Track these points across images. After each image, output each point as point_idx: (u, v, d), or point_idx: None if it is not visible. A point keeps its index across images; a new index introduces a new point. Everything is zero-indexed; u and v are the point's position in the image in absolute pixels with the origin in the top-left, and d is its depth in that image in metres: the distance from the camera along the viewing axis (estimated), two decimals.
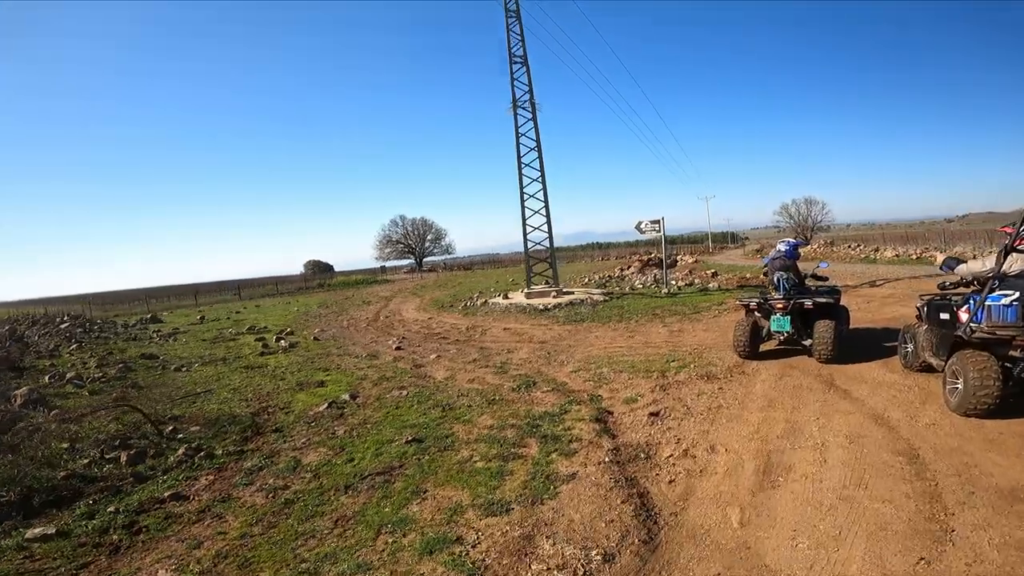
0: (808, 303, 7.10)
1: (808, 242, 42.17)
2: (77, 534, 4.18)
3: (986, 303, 4.68)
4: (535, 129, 18.80)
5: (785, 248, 7.83)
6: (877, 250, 29.96)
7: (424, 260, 73.37)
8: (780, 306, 7.23)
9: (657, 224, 17.50)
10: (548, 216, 19.18)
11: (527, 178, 18.98)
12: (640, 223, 17.86)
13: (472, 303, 18.58)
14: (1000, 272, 4.75)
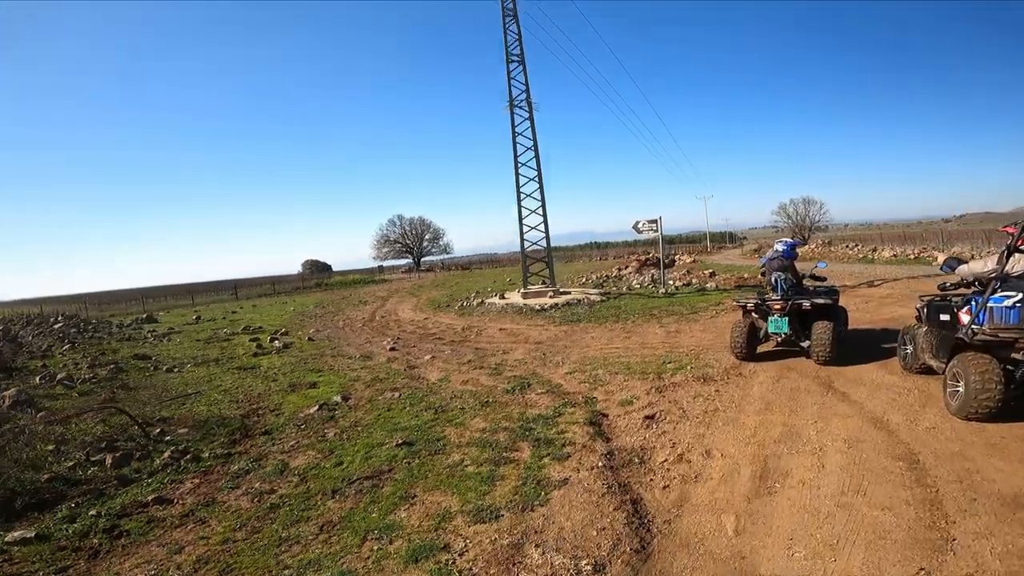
0: (806, 304, 7.00)
1: (806, 242, 42.10)
2: (57, 537, 4.14)
3: (988, 304, 4.59)
4: (532, 128, 18.70)
5: (783, 248, 7.71)
6: (875, 250, 29.91)
7: (422, 260, 73.22)
8: (778, 307, 7.13)
9: (655, 224, 17.41)
10: (545, 216, 19.09)
11: (524, 177, 18.87)
12: (637, 223, 17.77)
13: (468, 303, 18.48)
14: (1003, 273, 4.66)
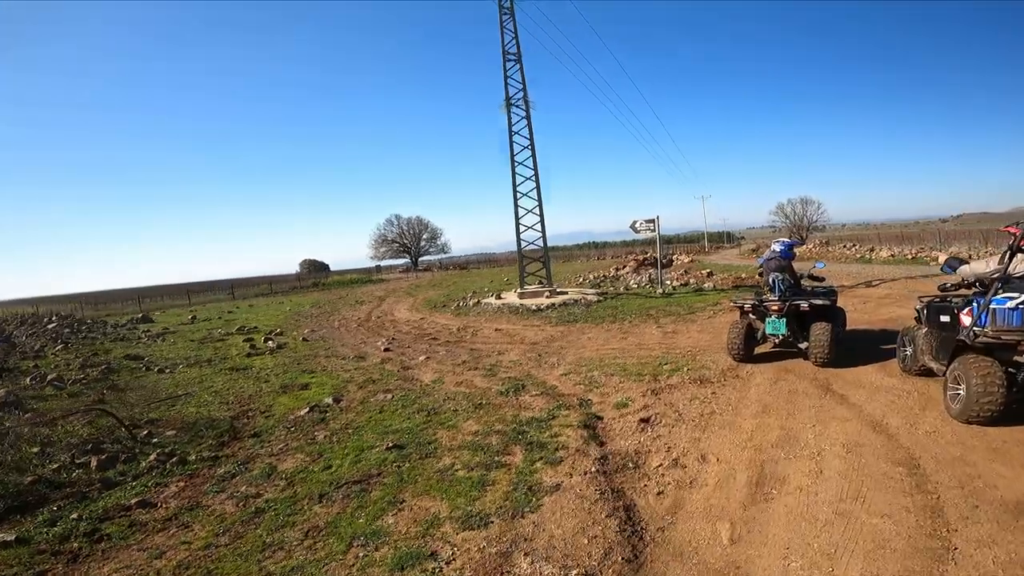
0: (804, 305, 6.91)
1: (803, 242, 42.00)
2: (37, 541, 4.06)
3: (991, 306, 4.48)
4: (529, 127, 18.59)
5: (780, 248, 7.59)
6: (872, 250, 29.83)
7: (420, 259, 73.02)
8: (775, 308, 7.03)
9: (652, 223, 17.32)
10: (542, 215, 18.98)
11: (521, 177, 18.75)
12: (635, 222, 17.68)
13: (465, 303, 18.36)
14: (1005, 274, 4.56)
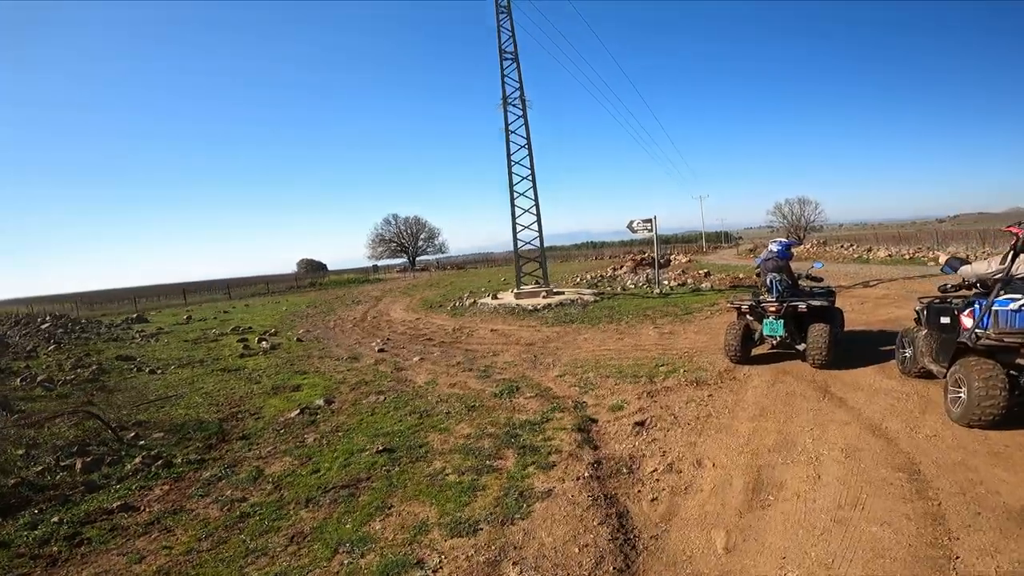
0: (802, 306, 6.82)
1: (801, 242, 41.94)
2: (17, 544, 3.99)
3: (993, 308, 4.39)
4: (526, 126, 18.48)
5: (777, 248, 7.49)
6: (870, 250, 29.81)
7: (417, 259, 72.84)
8: (773, 309, 6.93)
9: (649, 223, 17.25)
10: (538, 215, 18.88)
11: (517, 176, 18.65)
12: (632, 222, 17.60)
13: (461, 303, 18.24)
14: (1008, 275, 4.47)
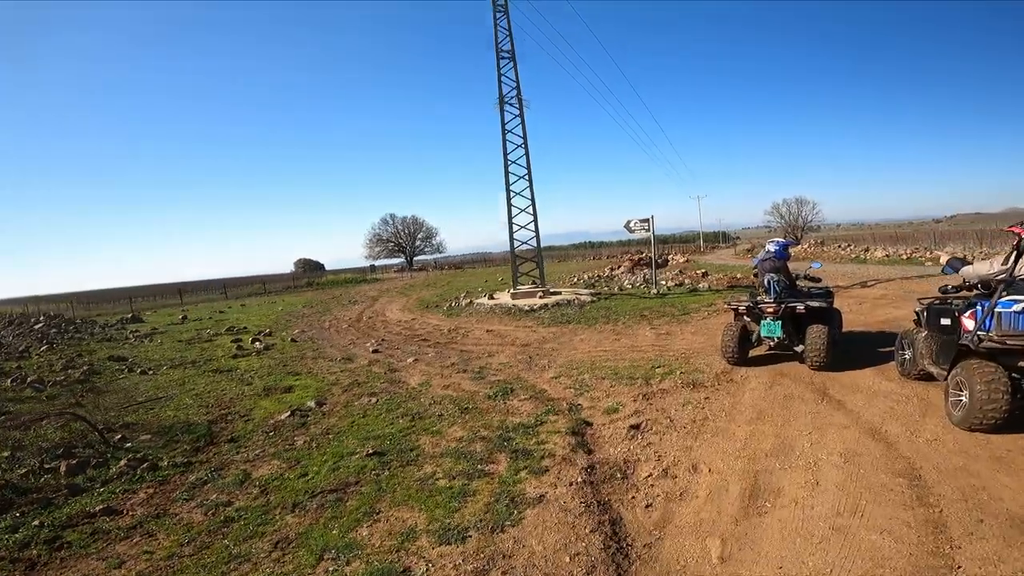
0: (800, 307, 6.73)
1: (798, 242, 41.90)
2: None
3: (996, 309, 4.29)
4: (522, 125, 18.38)
5: (775, 248, 7.39)
6: (867, 250, 29.82)
7: (415, 259, 72.62)
8: (770, 310, 6.83)
9: (646, 223, 17.15)
10: (535, 214, 18.79)
11: (514, 176, 18.54)
12: (629, 222, 17.50)
13: (457, 303, 18.13)
14: (1011, 276, 4.37)
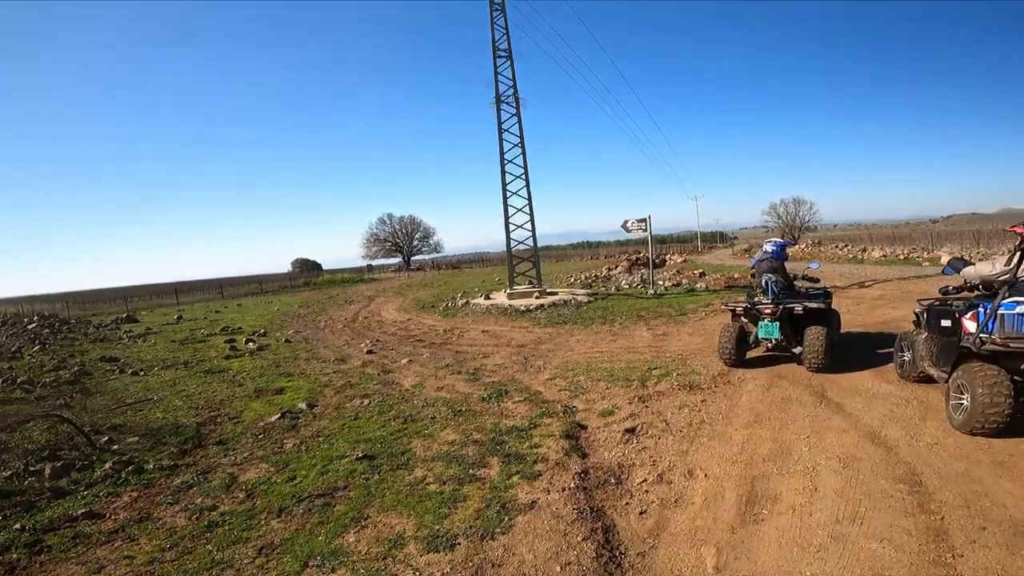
0: (798, 308, 6.64)
1: (796, 242, 41.89)
2: None
3: (998, 311, 4.20)
4: (519, 125, 18.25)
5: (772, 249, 7.30)
6: (864, 250, 29.83)
7: (412, 259, 72.45)
8: (768, 311, 6.74)
9: (644, 223, 17.06)
10: (532, 214, 18.67)
11: (510, 175, 18.42)
12: (627, 222, 17.41)
13: (454, 303, 18.02)
14: (1014, 277, 4.28)
